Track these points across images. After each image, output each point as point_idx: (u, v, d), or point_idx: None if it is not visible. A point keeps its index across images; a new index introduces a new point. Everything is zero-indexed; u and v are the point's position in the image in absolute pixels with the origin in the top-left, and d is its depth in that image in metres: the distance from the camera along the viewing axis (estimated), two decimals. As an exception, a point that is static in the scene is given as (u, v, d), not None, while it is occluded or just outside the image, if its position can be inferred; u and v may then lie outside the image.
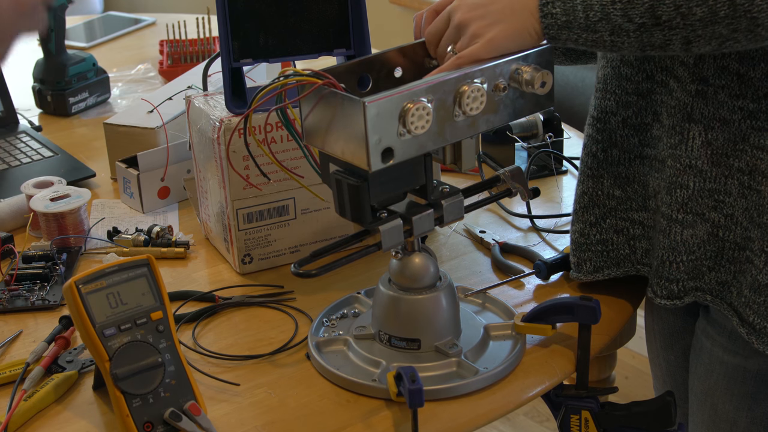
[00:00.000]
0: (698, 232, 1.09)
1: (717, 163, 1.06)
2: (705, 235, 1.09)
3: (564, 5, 0.98)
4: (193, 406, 0.98)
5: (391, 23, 3.37)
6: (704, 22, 0.93)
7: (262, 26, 1.24)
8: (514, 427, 2.48)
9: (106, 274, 1.00)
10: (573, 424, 1.12)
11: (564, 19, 0.99)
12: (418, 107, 0.96)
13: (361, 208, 1.01)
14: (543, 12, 1.00)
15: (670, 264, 1.11)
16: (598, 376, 1.73)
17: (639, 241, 1.16)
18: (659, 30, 0.94)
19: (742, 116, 1.03)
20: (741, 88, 1.03)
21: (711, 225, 1.08)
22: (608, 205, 1.16)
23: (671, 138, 1.08)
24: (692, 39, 0.95)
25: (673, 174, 1.08)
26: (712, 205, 1.08)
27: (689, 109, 1.06)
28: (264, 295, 1.26)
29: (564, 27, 0.99)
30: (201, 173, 1.36)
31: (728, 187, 1.06)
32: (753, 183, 1.05)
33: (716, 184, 1.07)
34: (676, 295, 1.12)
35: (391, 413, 1.02)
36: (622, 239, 1.17)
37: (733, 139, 1.04)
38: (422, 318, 1.08)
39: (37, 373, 1.08)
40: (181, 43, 2.18)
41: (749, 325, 1.07)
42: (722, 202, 1.07)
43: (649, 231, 1.15)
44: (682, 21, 0.93)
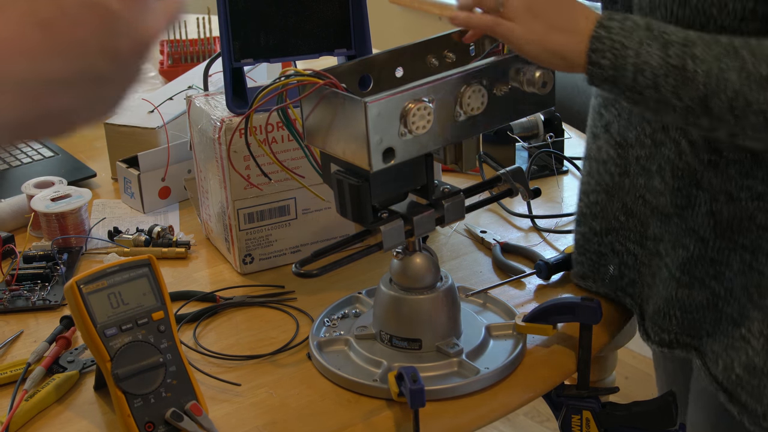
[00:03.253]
0: (696, 295, 1.05)
1: (720, 236, 1.02)
2: (704, 300, 1.05)
3: (615, 59, 0.92)
4: (195, 406, 0.98)
5: (392, 23, 3.37)
6: (756, 128, 0.90)
7: (262, 26, 1.24)
8: (514, 427, 2.48)
9: (107, 274, 1.00)
10: (574, 424, 1.12)
11: (611, 73, 0.93)
12: (420, 107, 0.96)
13: (362, 208, 1.01)
14: (591, 59, 0.94)
15: (664, 315, 1.09)
16: (599, 376, 1.73)
17: (628, 270, 1.14)
18: (707, 118, 0.90)
19: (750, 196, 0.99)
20: (753, 168, 0.98)
21: (711, 293, 1.04)
22: (613, 225, 1.14)
23: (677, 198, 1.04)
24: (738, 134, 0.91)
25: (677, 232, 1.05)
26: (712, 274, 1.04)
27: (699, 176, 1.01)
28: (265, 295, 1.26)
29: (609, 80, 0.94)
30: (202, 173, 1.36)
31: (730, 261, 1.02)
32: (755, 263, 1.01)
33: (718, 255, 1.02)
34: (668, 344, 1.10)
35: (392, 413, 1.02)
36: (616, 260, 1.15)
37: (738, 216, 1.00)
38: (423, 318, 1.08)
39: (38, 373, 1.08)
40: (181, 43, 2.18)
41: (740, 405, 1.04)
42: (723, 274, 1.03)
43: (640, 267, 1.12)
44: (733, 119, 0.89)
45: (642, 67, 0.91)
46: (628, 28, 0.92)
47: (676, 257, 1.06)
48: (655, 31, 0.91)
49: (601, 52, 0.93)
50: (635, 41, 0.92)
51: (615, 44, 0.92)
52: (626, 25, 0.93)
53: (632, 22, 0.93)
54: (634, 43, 0.91)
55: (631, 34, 0.92)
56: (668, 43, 0.90)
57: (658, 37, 0.91)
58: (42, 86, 0.51)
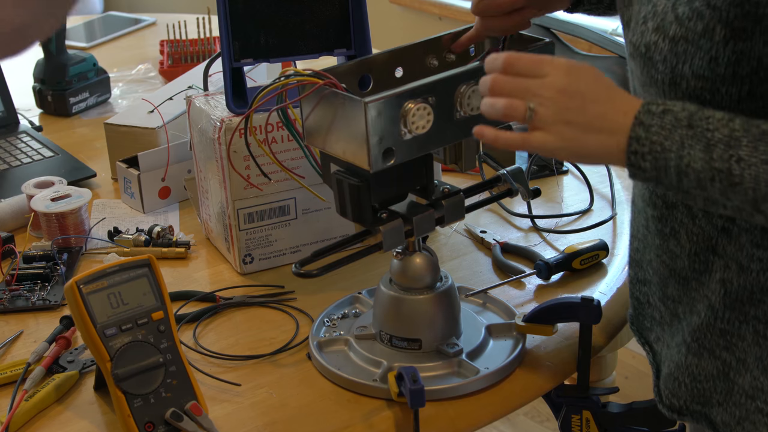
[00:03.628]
0: (705, 365, 1.00)
1: (730, 307, 0.96)
2: (714, 371, 1.00)
3: (656, 162, 0.87)
4: (195, 406, 0.98)
5: (392, 23, 3.37)
6: None
7: (262, 26, 1.24)
8: (514, 427, 2.48)
9: (107, 274, 1.00)
10: (574, 424, 1.12)
11: (654, 174, 0.88)
12: (419, 107, 0.96)
13: (362, 208, 1.01)
14: (631, 161, 0.88)
15: (674, 380, 1.04)
16: (599, 376, 1.73)
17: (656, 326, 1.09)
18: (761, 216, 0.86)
19: (761, 268, 0.93)
20: (763, 239, 0.93)
21: (722, 363, 0.99)
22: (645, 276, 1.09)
23: (695, 263, 0.99)
24: None
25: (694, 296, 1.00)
26: (723, 345, 0.98)
27: (714, 242, 0.96)
28: (265, 295, 1.26)
29: (652, 180, 0.89)
30: (202, 173, 1.36)
31: (743, 332, 0.96)
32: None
33: (728, 326, 0.97)
34: (678, 410, 1.05)
35: (392, 413, 1.02)
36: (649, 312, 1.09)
37: (749, 287, 0.95)
38: (423, 318, 1.08)
39: (38, 373, 1.08)
40: (181, 43, 2.18)
41: None
42: (735, 345, 0.97)
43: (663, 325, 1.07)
44: None
45: (685, 170, 0.86)
46: (668, 126, 0.87)
47: (690, 323, 1.01)
48: (697, 129, 0.86)
49: (640, 155, 0.87)
50: (676, 142, 0.86)
51: (655, 146, 0.87)
52: (666, 122, 0.87)
53: (672, 116, 0.87)
54: (675, 144, 0.86)
55: (672, 133, 0.86)
56: (711, 144, 0.85)
57: (700, 136, 0.85)
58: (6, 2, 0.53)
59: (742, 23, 0.85)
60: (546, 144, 0.91)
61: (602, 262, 1.30)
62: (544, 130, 0.91)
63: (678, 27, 0.89)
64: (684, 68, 0.89)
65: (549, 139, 0.91)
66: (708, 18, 0.86)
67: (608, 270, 1.29)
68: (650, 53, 0.92)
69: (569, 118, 0.90)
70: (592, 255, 1.28)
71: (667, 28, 0.90)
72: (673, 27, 0.89)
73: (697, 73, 0.88)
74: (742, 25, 0.85)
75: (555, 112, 0.90)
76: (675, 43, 0.89)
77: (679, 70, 0.89)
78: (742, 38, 0.86)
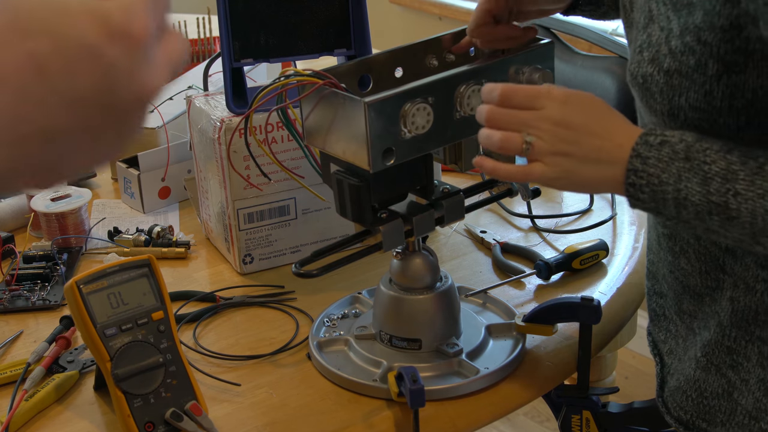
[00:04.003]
0: (712, 382, 1.00)
1: (736, 325, 0.97)
2: (719, 389, 1.00)
3: (654, 194, 0.87)
4: (195, 406, 0.98)
5: (392, 23, 3.37)
6: None
7: (262, 26, 1.24)
8: (514, 427, 2.48)
9: (107, 274, 1.00)
10: (574, 424, 1.12)
11: (653, 205, 0.88)
12: (419, 107, 0.96)
13: (361, 208, 1.01)
14: (629, 192, 0.88)
15: (683, 393, 1.04)
16: (599, 376, 1.73)
17: (670, 337, 1.08)
18: (761, 247, 0.86)
19: (765, 288, 0.93)
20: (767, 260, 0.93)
21: (726, 382, 0.99)
22: (660, 289, 1.09)
23: (707, 280, 0.99)
24: None
25: (708, 312, 1.00)
26: (729, 363, 0.98)
27: (721, 261, 0.96)
28: (265, 295, 1.26)
29: (651, 210, 0.89)
30: (202, 173, 1.36)
31: (748, 352, 0.96)
32: None
33: (735, 344, 0.97)
34: (684, 423, 1.05)
35: (392, 413, 1.02)
36: (664, 324, 1.09)
37: (755, 308, 0.95)
38: (423, 318, 1.08)
39: (38, 373, 1.08)
40: (181, 43, 2.17)
41: None
42: (740, 364, 0.97)
43: (677, 338, 1.07)
44: None
45: (683, 203, 0.86)
46: (665, 158, 0.86)
47: (702, 338, 1.01)
48: (694, 161, 0.85)
49: (638, 187, 0.88)
50: (673, 175, 0.86)
51: (652, 178, 0.87)
52: (663, 154, 0.87)
53: (670, 148, 0.87)
54: (673, 177, 0.86)
55: (669, 165, 0.86)
56: (708, 178, 0.84)
57: (697, 169, 0.85)
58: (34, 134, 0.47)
59: (734, 57, 0.85)
60: (544, 175, 0.92)
61: (602, 262, 1.30)
62: (542, 162, 0.91)
63: (672, 60, 0.89)
64: (680, 100, 0.89)
65: (547, 170, 0.91)
66: (699, 53, 0.86)
67: (608, 270, 1.29)
68: (647, 84, 0.91)
69: (566, 150, 0.91)
70: (592, 255, 1.28)
71: (662, 61, 0.89)
72: (667, 60, 0.89)
73: (694, 105, 0.88)
74: (735, 60, 0.85)
75: (552, 144, 0.91)
76: (670, 76, 0.89)
77: (676, 102, 0.89)
78: (735, 72, 0.85)
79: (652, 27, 0.91)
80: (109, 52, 0.47)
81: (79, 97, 0.47)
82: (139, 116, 0.51)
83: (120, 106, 0.49)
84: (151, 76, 0.50)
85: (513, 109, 0.93)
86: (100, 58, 0.47)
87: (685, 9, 0.87)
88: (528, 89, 0.93)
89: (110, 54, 0.47)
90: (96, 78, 0.47)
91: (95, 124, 0.49)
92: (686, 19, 0.87)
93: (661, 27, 0.90)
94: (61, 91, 0.47)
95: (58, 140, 0.48)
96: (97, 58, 0.47)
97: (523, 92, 0.93)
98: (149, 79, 0.50)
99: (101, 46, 0.47)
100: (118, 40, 0.48)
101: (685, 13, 0.87)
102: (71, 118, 0.47)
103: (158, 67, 0.51)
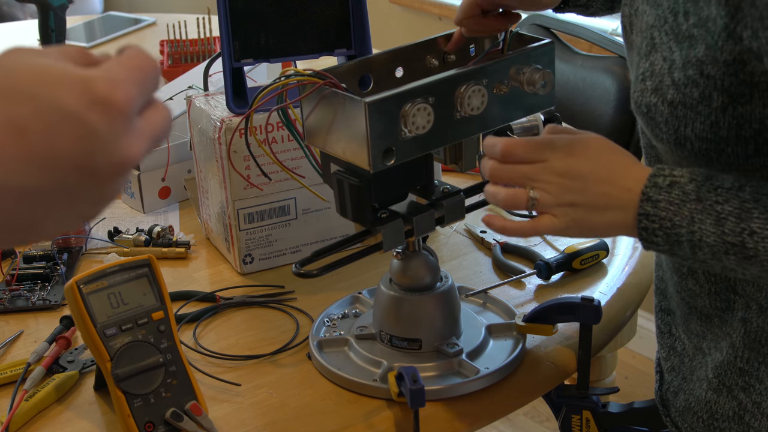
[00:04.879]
0: (723, 403, 0.99)
1: (749, 347, 0.95)
2: (730, 411, 0.99)
3: (667, 237, 0.85)
4: (195, 406, 0.98)
5: (392, 23, 3.37)
6: None
7: (262, 26, 1.24)
8: (514, 427, 2.48)
9: (107, 274, 1.00)
10: (574, 424, 1.12)
11: (667, 247, 0.87)
12: (419, 107, 0.96)
13: (362, 208, 1.01)
14: (642, 236, 0.87)
15: (693, 414, 1.03)
16: (599, 376, 1.73)
17: (674, 355, 1.08)
18: None
19: None
20: None
21: (738, 405, 0.98)
22: (669, 306, 1.09)
23: (716, 301, 0.98)
24: None
25: (718, 333, 0.99)
26: (741, 385, 0.97)
27: (733, 282, 0.95)
28: (265, 295, 1.26)
29: (666, 252, 0.88)
30: (202, 173, 1.36)
31: (761, 374, 0.95)
32: None
33: (747, 365, 0.96)
34: None
35: (392, 413, 1.02)
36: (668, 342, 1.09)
37: (767, 329, 0.94)
38: (423, 318, 1.08)
39: (38, 373, 1.08)
40: (181, 43, 2.18)
41: None
42: (752, 386, 0.96)
43: (684, 357, 1.06)
44: None
45: (698, 244, 0.84)
46: (676, 200, 0.85)
47: (714, 359, 1.00)
48: (706, 202, 0.84)
49: (651, 231, 0.86)
50: (686, 217, 0.84)
51: (665, 221, 0.85)
52: (674, 196, 0.85)
53: (680, 189, 0.85)
54: (686, 220, 0.84)
55: (681, 208, 0.85)
56: (722, 218, 0.83)
57: (710, 210, 0.84)
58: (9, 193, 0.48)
59: (739, 89, 0.84)
60: (554, 227, 0.91)
61: (602, 262, 1.30)
62: (550, 214, 0.91)
63: (675, 92, 0.87)
64: (686, 131, 0.88)
65: (556, 222, 0.91)
66: (703, 86, 0.85)
67: (608, 270, 1.29)
68: (651, 114, 0.90)
69: (573, 200, 0.90)
70: (592, 255, 1.28)
71: (665, 92, 0.88)
72: (671, 91, 0.88)
73: (700, 136, 0.87)
74: (740, 91, 0.84)
75: (558, 196, 0.90)
76: (674, 107, 0.88)
77: (681, 132, 0.88)
78: (741, 103, 0.84)
79: (655, 56, 0.90)
80: (90, 118, 0.49)
81: (56, 158, 0.49)
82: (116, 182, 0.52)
83: (97, 170, 0.50)
84: (131, 144, 0.51)
85: (516, 163, 0.92)
86: (79, 123, 0.49)
87: (687, 41, 0.86)
88: (529, 142, 0.92)
89: (90, 120, 0.49)
90: (74, 142, 0.49)
91: (72, 185, 0.50)
92: (688, 52, 0.86)
93: (664, 57, 0.89)
94: (38, 151, 0.48)
95: (35, 199, 0.49)
96: (77, 123, 0.49)
97: (524, 145, 0.92)
98: (129, 147, 0.51)
99: (82, 112, 0.49)
100: (99, 107, 0.49)
101: (686, 46, 0.86)
102: (48, 178, 0.49)
103: (139, 136, 0.52)
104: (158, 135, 0.54)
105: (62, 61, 0.51)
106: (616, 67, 1.89)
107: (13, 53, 0.51)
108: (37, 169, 0.48)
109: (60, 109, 0.48)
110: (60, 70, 0.50)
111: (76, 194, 0.50)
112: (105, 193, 0.52)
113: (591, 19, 1.31)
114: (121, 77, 0.51)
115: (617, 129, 1.87)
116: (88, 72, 0.50)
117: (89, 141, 0.49)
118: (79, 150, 0.49)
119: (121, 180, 0.52)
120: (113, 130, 0.50)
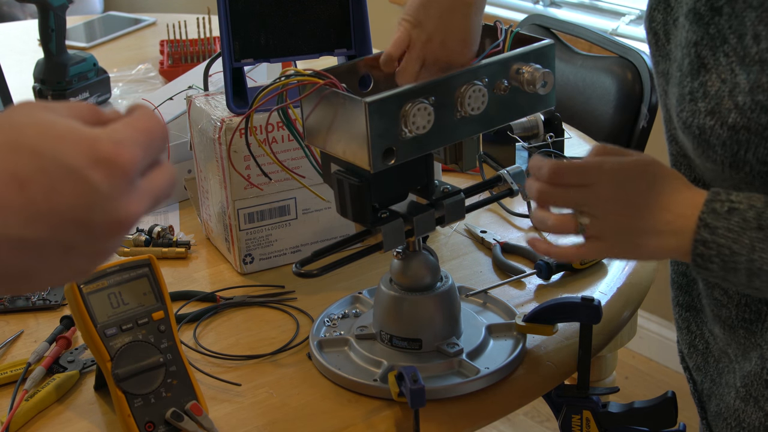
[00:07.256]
0: (751, 413, 0.97)
1: None
2: (756, 422, 0.97)
3: (724, 264, 0.84)
4: (195, 406, 0.98)
5: (392, 23, 3.37)
6: None
7: (263, 26, 1.24)
8: (514, 427, 2.48)
9: (107, 274, 1.00)
10: (574, 424, 1.12)
11: (722, 274, 0.85)
12: (420, 107, 0.96)
13: (362, 208, 1.01)
14: (697, 263, 0.85)
15: (723, 420, 1.02)
16: (599, 376, 1.73)
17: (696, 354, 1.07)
18: None
19: None
20: None
21: (764, 416, 0.96)
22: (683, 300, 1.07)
23: (744, 312, 0.96)
24: None
25: (745, 343, 0.97)
26: (767, 397, 0.96)
27: None
28: (265, 295, 1.26)
29: (721, 279, 0.86)
30: (202, 173, 1.36)
31: None
32: None
33: None
34: None
35: (392, 413, 1.02)
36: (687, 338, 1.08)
37: None
38: (423, 318, 1.08)
39: (39, 373, 1.08)
40: (181, 43, 2.18)
41: None
42: None
43: (708, 357, 1.05)
44: None
45: (757, 273, 0.83)
46: (735, 228, 0.83)
47: (742, 367, 0.98)
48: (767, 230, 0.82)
49: (707, 258, 0.84)
50: (746, 246, 0.83)
51: (723, 249, 0.83)
52: (733, 224, 0.83)
53: (740, 216, 0.83)
54: (745, 248, 0.83)
55: (740, 236, 0.83)
56: None
57: None
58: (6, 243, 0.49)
59: None
60: (603, 252, 0.90)
61: (602, 262, 1.30)
62: (599, 240, 0.89)
63: (739, 116, 0.85)
64: (747, 155, 0.86)
65: (605, 246, 0.89)
66: None
67: (608, 270, 1.29)
68: (705, 136, 0.88)
69: (623, 226, 0.88)
70: (593, 255, 1.28)
71: (725, 115, 0.86)
72: (733, 115, 0.85)
73: (762, 160, 0.85)
74: None
75: (607, 222, 0.88)
76: (736, 131, 0.86)
77: (741, 156, 0.86)
78: None
79: (708, 76, 0.88)
80: (91, 176, 0.50)
81: (54, 211, 0.50)
82: (114, 239, 0.53)
83: (95, 226, 0.51)
84: (130, 204, 0.52)
85: (563, 186, 0.90)
86: (80, 180, 0.50)
87: (757, 65, 0.84)
88: (577, 166, 0.90)
89: (92, 178, 0.50)
90: (74, 197, 0.50)
91: (68, 239, 0.51)
92: (758, 77, 0.84)
93: (723, 79, 0.86)
94: (38, 204, 0.49)
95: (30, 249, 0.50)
96: (78, 179, 0.50)
97: (573, 169, 0.90)
98: (128, 206, 0.52)
99: (84, 169, 0.50)
100: (102, 166, 0.50)
101: (756, 70, 0.84)
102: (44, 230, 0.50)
103: (140, 196, 0.53)
104: (160, 196, 0.55)
105: (70, 119, 0.52)
106: (616, 67, 1.89)
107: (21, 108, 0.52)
108: (35, 220, 0.49)
109: (63, 165, 0.49)
110: (66, 127, 0.51)
111: (71, 248, 0.51)
112: (102, 249, 0.53)
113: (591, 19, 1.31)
114: (127, 138, 0.52)
115: (617, 129, 1.87)
116: (94, 131, 0.51)
117: (88, 197, 0.50)
118: (79, 205, 0.50)
119: (119, 237, 0.53)
120: (114, 189, 0.51)
